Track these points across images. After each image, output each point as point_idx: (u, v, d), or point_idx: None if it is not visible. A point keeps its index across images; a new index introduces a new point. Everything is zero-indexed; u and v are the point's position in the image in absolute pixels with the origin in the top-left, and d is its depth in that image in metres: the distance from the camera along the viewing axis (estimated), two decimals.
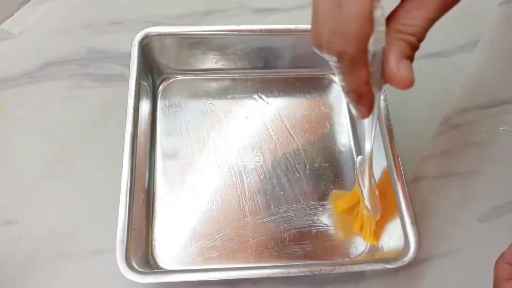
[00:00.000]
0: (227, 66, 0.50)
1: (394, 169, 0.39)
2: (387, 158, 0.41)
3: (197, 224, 0.42)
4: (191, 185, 0.44)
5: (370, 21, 0.24)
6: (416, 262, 0.41)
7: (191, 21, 0.55)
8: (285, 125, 0.48)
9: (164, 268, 0.39)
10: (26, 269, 0.40)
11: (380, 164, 0.42)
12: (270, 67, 0.50)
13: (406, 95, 0.50)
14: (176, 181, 0.44)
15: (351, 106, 0.30)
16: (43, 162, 0.45)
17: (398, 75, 0.25)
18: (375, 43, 0.25)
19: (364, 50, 0.25)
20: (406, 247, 0.37)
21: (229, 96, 0.49)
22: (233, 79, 0.50)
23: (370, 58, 0.26)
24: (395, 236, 0.38)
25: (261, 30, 0.46)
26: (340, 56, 0.25)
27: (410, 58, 0.26)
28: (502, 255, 0.35)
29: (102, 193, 0.43)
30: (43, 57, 0.51)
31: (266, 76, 0.50)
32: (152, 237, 0.41)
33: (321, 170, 0.45)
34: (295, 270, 0.35)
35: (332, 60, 0.26)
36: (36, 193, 0.43)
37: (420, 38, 0.26)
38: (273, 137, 0.47)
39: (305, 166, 0.45)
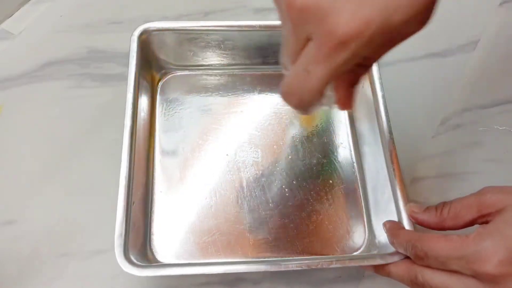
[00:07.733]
0: (226, 62, 0.50)
1: (393, 169, 0.39)
2: (386, 158, 0.40)
3: (196, 219, 0.42)
4: (190, 180, 0.44)
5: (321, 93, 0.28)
6: None
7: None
8: (283, 121, 0.48)
9: (162, 263, 0.40)
10: (26, 269, 0.40)
11: (380, 164, 0.42)
12: (269, 63, 0.50)
13: (406, 95, 0.51)
14: (175, 176, 0.44)
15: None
16: (43, 162, 0.45)
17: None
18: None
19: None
20: None
21: (228, 92, 0.49)
22: (232, 75, 0.50)
23: None
24: None
25: (260, 26, 0.46)
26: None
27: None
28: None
29: (102, 192, 0.43)
30: (43, 57, 0.51)
31: (265, 72, 0.50)
32: (150, 232, 0.41)
33: (319, 165, 0.45)
34: (292, 264, 0.35)
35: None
36: (36, 193, 0.43)
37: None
38: (271, 132, 0.47)
39: (304, 161, 0.45)
